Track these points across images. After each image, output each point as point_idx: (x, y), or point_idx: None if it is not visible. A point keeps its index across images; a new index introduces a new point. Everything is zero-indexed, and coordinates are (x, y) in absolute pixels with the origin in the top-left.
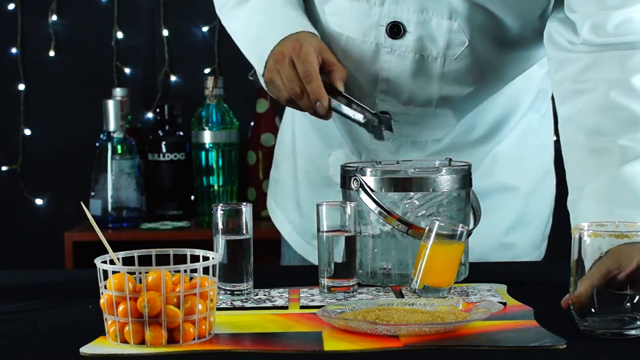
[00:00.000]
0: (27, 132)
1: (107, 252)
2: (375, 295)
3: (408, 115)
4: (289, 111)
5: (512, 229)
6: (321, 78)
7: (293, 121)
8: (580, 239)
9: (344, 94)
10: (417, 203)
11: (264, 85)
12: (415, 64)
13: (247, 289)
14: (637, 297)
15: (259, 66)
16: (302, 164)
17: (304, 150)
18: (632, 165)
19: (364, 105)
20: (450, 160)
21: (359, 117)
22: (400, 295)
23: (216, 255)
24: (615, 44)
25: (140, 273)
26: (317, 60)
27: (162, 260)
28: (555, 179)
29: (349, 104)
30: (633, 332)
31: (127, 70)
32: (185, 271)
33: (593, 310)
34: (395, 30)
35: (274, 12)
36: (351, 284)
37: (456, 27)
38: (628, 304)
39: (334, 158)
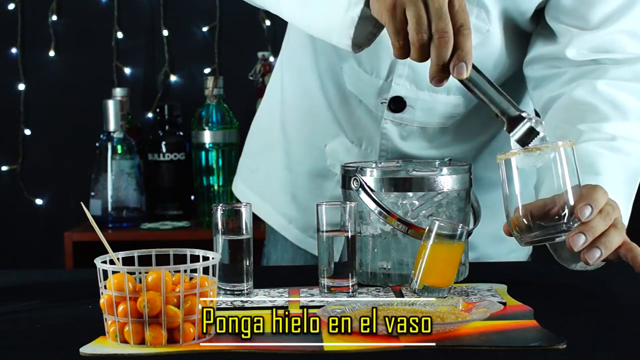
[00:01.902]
0: (27, 132)
1: (107, 252)
2: (375, 295)
3: (423, 100)
4: (274, 99)
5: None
6: None
7: (282, 110)
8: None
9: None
10: (417, 203)
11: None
12: None
13: (247, 289)
14: (565, 210)
15: None
16: (297, 155)
17: (297, 141)
18: (585, 144)
19: (502, 92)
20: (450, 160)
21: (506, 107)
22: (400, 295)
23: (216, 255)
24: (594, 61)
25: (140, 273)
26: None
27: (162, 260)
28: None
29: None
30: (562, 236)
31: (127, 70)
32: (185, 271)
33: (530, 229)
34: None
35: None
36: (351, 284)
37: (476, 13)
38: (560, 220)
39: (330, 148)
